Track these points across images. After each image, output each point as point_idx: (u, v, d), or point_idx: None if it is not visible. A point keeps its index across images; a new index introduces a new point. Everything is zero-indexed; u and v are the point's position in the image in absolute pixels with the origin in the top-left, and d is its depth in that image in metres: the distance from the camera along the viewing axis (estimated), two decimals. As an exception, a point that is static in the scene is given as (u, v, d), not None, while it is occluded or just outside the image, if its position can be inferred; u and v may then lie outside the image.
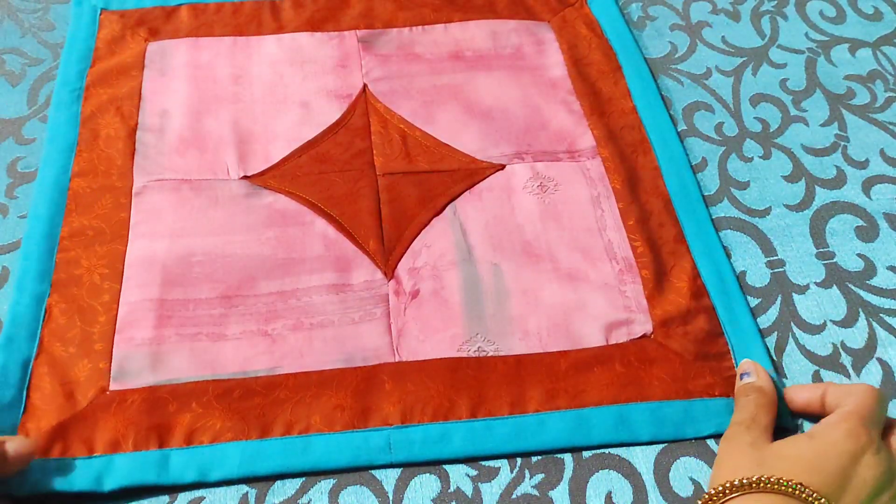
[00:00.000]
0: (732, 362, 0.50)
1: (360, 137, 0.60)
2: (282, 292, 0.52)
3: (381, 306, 0.52)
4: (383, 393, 0.48)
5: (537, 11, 0.70)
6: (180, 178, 0.57)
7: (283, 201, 0.56)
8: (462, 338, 0.51)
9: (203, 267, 0.52)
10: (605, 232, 0.56)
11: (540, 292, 0.53)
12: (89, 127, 0.59)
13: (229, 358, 0.49)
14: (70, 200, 0.55)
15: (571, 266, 0.54)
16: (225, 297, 0.51)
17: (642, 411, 0.48)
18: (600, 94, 0.64)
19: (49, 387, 0.47)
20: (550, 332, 0.51)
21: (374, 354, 0.50)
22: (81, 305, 0.50)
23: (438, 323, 0.51)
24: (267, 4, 0.68)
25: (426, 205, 0.56)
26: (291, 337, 0.50)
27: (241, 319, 0.51)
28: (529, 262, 0.54)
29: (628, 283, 0.53)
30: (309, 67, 0.64)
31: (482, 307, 0.52)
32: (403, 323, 0.51)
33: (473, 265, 0.54)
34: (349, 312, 0.51)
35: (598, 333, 0.51)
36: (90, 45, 0.64)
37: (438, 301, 0.52)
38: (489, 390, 0.48)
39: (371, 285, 0.53)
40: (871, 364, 0.51)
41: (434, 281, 0.53)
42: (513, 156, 0.60)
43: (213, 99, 0.62)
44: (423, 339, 0.50)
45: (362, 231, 0.55)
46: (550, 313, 0.52)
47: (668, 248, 0.55)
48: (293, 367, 0.49)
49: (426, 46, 0.67)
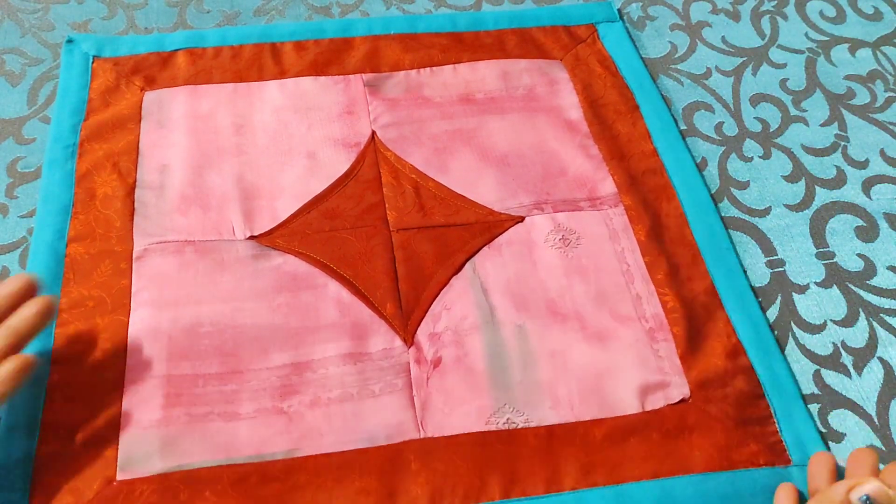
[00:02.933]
0: (776, 427, 0.48)
1: (371, 190, 0.57)
2: (296, 364, 0.49)
3: (403, 377, 0.49)
4: (409, 474, 0.45)
5: (549, 49, 0.67)
6: (183, 239, 0.54)
7: (293, 262, 0.53)
8: (490, 409, 0.48)
9: (212, 339, 0.49)
10: (633, 286, 0.53)
11: (568, 354, 0.50)
12: (85, 186, 0.56)
13: (244, 440, 0.46)
14: (67, 268, 0.52)
15: (599, 325, 0.51)
16: (237, 372, 0.48)
17: (685, 485, 0.45)
18: (619, 136, 0.61)
19: (53, 483, 0.44)
20: (582, 398, 0.48)
21: (398, 431, 0.47)
22: (84, 384, 0.47)
23: (464, 393, 0.48)
24: (267, 48, 0.65)
25: (444, 262, 0.54)
26: (309, 415, 0.47)
27: (254, 396, 0.48)
28: (555, 322, 0.51)
29: (660, 340, 0.51)
30: (314, 114, 0.61)
31: (509, 374, 0.49)
32: (427, 395, 0.48)
33: (497, 328, 0.51)
34: (369, 384, 0.48)
35: (633, 399, 0.48)
36: (83, 96, 0.61)
37: (463, 369, 0.49)
38: (522, 467, 0.46)
39: (390, 353, 0.50)
40: (872, 363, 0.51)
41: (456, 347, 0.50)
42: (532, 206, 0.57)
43: (215, 151, 0.59)
44: (448, 411, 0.48)
45: (378, 293, 0.52)
46: (580, 377, 0.49)
47: (699, 301, 0.53)
48: (312, 448, 0.46)
49: (435, 89, 0.64)
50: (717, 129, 0.64)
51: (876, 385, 0.50)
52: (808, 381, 0.50)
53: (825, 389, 0.50)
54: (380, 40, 0.67)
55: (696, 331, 0.51)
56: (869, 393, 0.50)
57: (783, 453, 0.47)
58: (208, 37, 0.66)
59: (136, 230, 0.54)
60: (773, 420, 0.48)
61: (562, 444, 0.46)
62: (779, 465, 0.46)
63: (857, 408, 0.49)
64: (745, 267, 0.55)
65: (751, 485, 0.45)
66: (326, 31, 0.67)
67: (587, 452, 0.46)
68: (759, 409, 0.48)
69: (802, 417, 0.48)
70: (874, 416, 0.49)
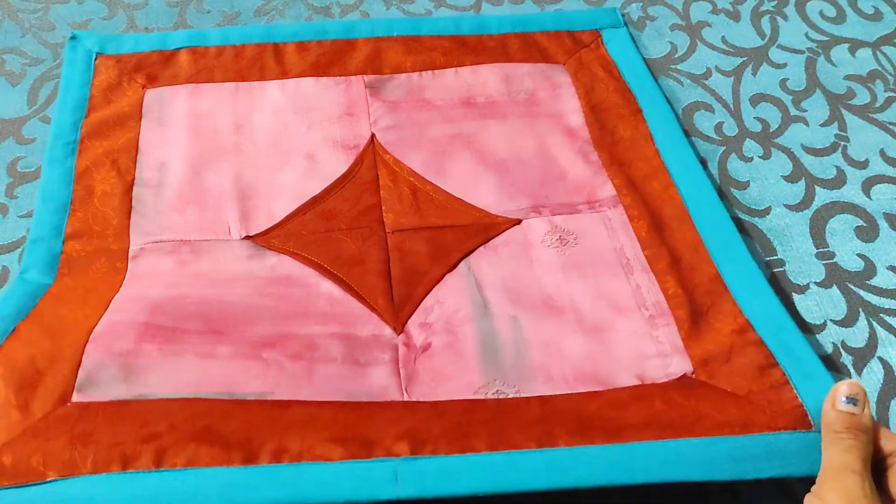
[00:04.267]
0: (794, 392, 0.44)
1: (369, 192, 0.57)
2: (282, 334, 0.47)
3: (389, 353, 0.47)
4: (390, 424, 0.42)
5: (552, 53, 0.67)
6: (179, 238, 0.53)
7: (288, 263, 0.53)
8: (478, 383, 0.45)
9: (197, 306, 0.48)
10: (632, 277, 0.51)
11: (563, 343, 0.48)
12: (84, 183, 0.56)
13: (215, 377, 0.43)
14: (62, 265, 0.52)
15: (596, 316, 0.49)
16: (217, 332, 0.46)
17: (694, 447, 0.41)
18: (620, 141, 0.61)
19: (2, 395, 0.42)
20: (577, 377, 0.46)
21: (381, 393, 0.44)
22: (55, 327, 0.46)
23: (451, 372, 0.46)
24: (270, 48, 0.65)
25: (438, 261, 0.53)
26: (289, 365, 0.45)
27: (233, 343, 0.46)
28: (551, 315, 0.49)
29: (661, 326, 0.48)
30: (314, 115, 0.61)
31: (500, 357, 0.47)
32: (413, 370, 0.46)
33: (490, 319, 0.49)
34: (355, 355, 0.46)
35: (631, 376, 0.46)
36: (85, 93, 0.61)
37: (452, 353, 0.47)
38: (511, 425, 0.42)
39: (379, 339, 0.48)
40: (872, 363, 0.51)
41: (447, 335, 0.48)
42: (529, 209, 0.56)
43: (214, 150, 0.59)
44: (434, 385, 0.45)
45: (371, 291, 0.51)
46: (576, 362, 0.47)
47: (703, 288, 0.50)
48: (287, 395, 0.43)
49: (436, 92, 0.64)
50: (717, 129, 0.64)
51: (876, 385, 0.50)
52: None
53: (825, 389, 0.49)
54: (382, 42, 0.67)
55: (699, 314, 0.49)
56: (869, 393, 0.49)
57: (804, 418, 0.43)
58: (211, 36, 0.66)
59: (133, 228, 0.54)
60: (791, 386, 0.44)
61: (556, 411, 0.43)
62: (800, 430, 0.42)
63: (858, 408, 0.49)
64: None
65: (765, 449, 0.41)
66: (329, 32, 0.67)
67: (583, 419, 0.42)
68: (773, 377, 0.45)
69: (824, 382, 0.44)
70: (874, 417, 0.48)
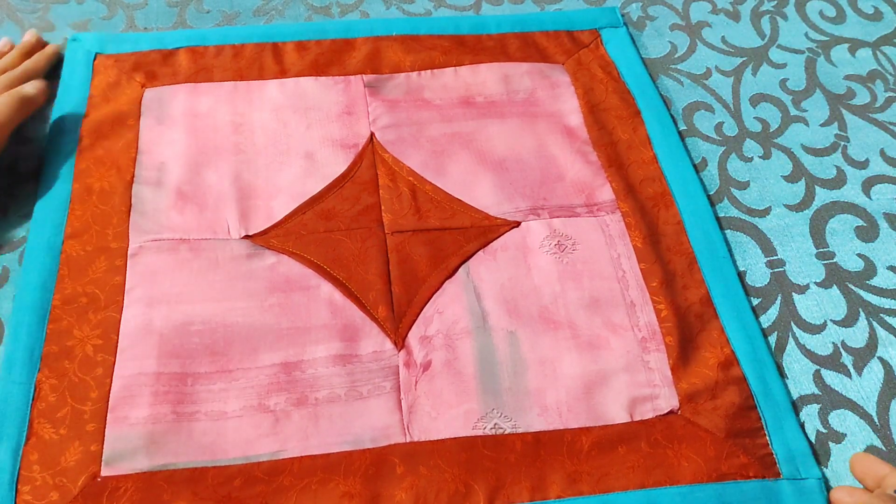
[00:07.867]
0: (766, 439, 0.47)
1: (368, 192, 0.57)
2: (286, 363, 0.49)
3: (391, 380, 0.49)
4: (394, 478, 0.45)
5: (551, 53, 0.67)
6: (178, 237, 0.53)
7: (287, 263, 0.53)
8: (478, 413, 0.47)
9: (202, 337, 0.49)
10: (628, 293, 0.53)
11: (558, 363, 0.50)
12: (83, 182, 0.56)
13: (230, 441, 0.46)
14: (62, 264, 0.52)
15: (591, 333, 0.51)
16: (225, 371, 0.48)
17: (672, 496, 0.45)
18: (619, 142, 0.61)
19: (40, 478, 0.44)
20: (571, 407, 0.48)
21: (384, 434, 0.46)
22: (73, 381, 0.47)
23: (452, 398, 0.48)
24: (269, 47, 0.65)
25: (438, 265, 0.53)
26: (296, 414, 0.47)
27: (242, 393, 0.47)
28: (547, 330, 0.51)
29: (652, 351, 0.50)
30: (313, 114, 0.61)
31: (498, 380, 0.49)
32: (415, 399, 0.48)
33: (488, 333, 0.50)
34: (357, 386, 0.48)
35: (621, 409, 0.48)
36: (84, 93, 0.61)
37: (452, 373, 0.49)
38: (507, 473, 0.45)
39: (380, 356, 0.49)
40: (872, 363, 0.51)
41: (447, 351, 0.50)
42: (528, 211, 0.56)
43: (213, 150, 0.58)
44: (435, 415, 0.47)
45: (371, 296, 0.52)
46: (570, 386, 0.49)
47: (694, 311, 0.52)
48: (298, 450, 0.46)
49: (435, 91, 0.64)
50: (717, 130, 0.63)
51: (876, 385, 0.50)
52: (809, 381, 0.50)
53: (825, 390, 0.50)
54: (381, 41, 0.67)
55: (688, 341, 0.51)
56: (869, 393, 0.49)
57: (773, 466, 0.47)
58: (210, 35, 0.66)
59: (133, 227, 0.54)
60: (765, 432, 0.48)
61: (548, 452, 0.46)
62: (768, 478, 0.46)
63: (858, 408, 0.49)
64: (745, 267, 0.55)
65: (739, 497, 0.45)
66: (328, 32, 0.67)
67: (574, 461, 0.46)
68: (751, 420, 0.48)
69: (793, 431, 0.48)
70: (874, 417, 0.48)
